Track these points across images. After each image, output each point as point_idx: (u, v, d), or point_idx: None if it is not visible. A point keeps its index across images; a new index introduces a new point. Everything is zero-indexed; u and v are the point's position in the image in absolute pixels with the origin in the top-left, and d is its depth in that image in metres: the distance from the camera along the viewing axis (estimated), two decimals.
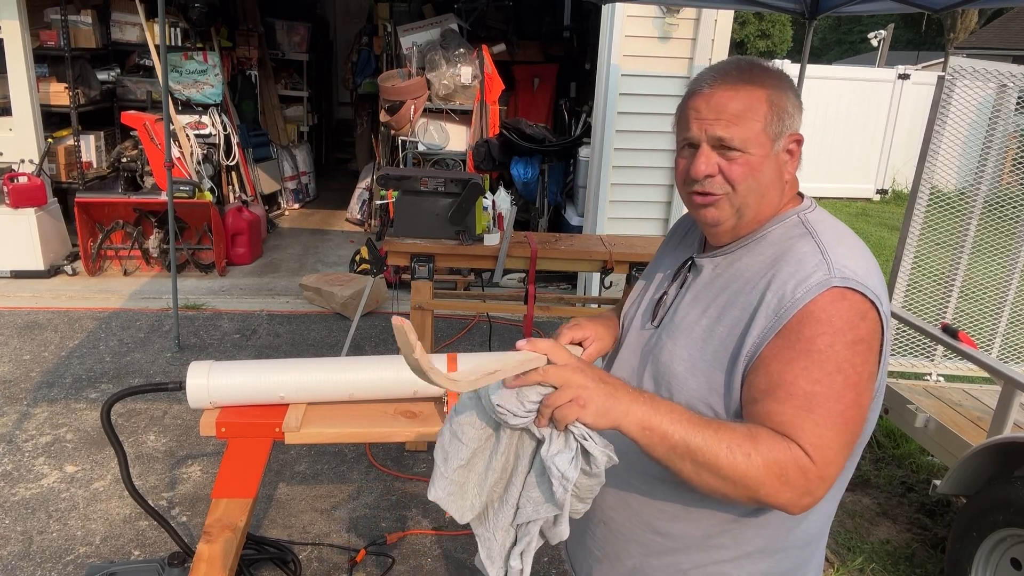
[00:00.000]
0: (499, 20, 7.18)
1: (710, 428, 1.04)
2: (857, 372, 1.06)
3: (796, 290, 1.08)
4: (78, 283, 5.59)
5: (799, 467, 1.03)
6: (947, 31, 23.42)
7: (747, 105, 1.14)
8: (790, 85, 1.20)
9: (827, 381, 1.05)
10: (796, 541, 1.23)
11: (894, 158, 11.36)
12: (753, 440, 1.03)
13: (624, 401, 1.04)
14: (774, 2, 4.24)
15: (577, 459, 1.04)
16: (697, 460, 1.03)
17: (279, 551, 2.76)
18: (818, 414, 1.04)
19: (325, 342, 4.81)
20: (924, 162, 3.44)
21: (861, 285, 1.08)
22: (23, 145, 5.75)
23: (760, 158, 1.16)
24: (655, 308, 1.30)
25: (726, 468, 1.02)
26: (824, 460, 1.04)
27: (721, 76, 1.17)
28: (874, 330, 1.09)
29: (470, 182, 3.56)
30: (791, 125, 1.18)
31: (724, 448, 1.02)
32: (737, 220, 1.20)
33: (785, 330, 1.08)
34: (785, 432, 1.05)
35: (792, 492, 1.03)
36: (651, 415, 1.04)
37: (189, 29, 6.74)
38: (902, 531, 3.27)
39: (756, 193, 1.17)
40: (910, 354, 3.74)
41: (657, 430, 1.03)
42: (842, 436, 1.05)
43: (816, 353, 1.05)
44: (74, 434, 3.57)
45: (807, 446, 1.03)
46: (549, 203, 6.18)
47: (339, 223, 7.82)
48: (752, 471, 1.02)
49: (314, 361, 1.90)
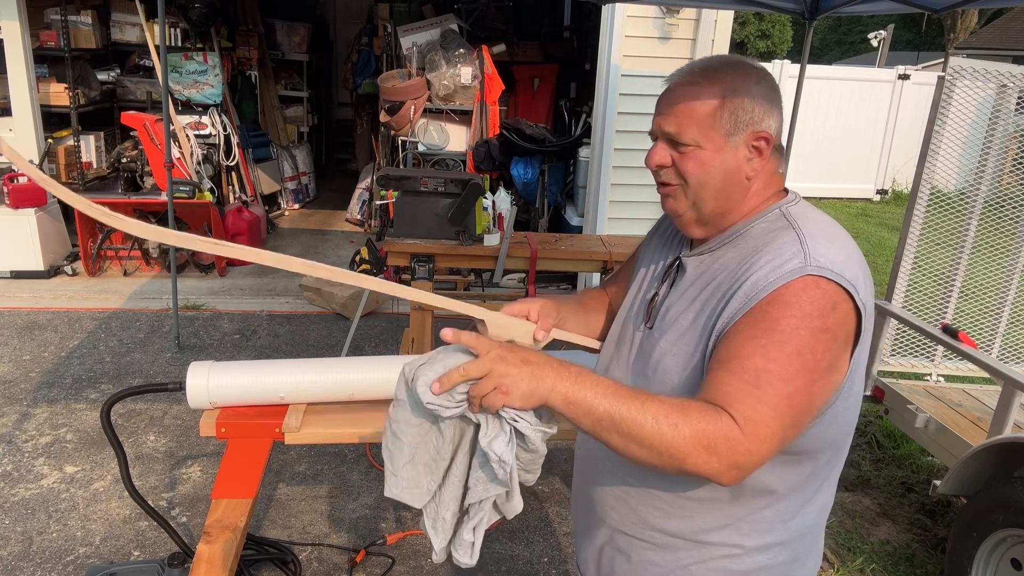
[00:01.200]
0: (499, 20, 7.18)
1: (636, 400, 1.05)
2: (815, 359, 1.06)
3: (770, 275, 1.09)
4: (78, 283, 5.59)
5: (727, 438, 1.02)
6: (947, 31, 23.42)
7: (697, 102, 1.18)
8: (758, 82, 1.19)
9: (783, 361, 1.05)
10: (793, 533, 1.23)
11: (894, 158, 11.36)
12: (683, 411, 1.04)
13: (547, 379, 1.06)
14: (774, 2, 4.25)
15: (512, 441, 1.08)
16: (623, 431, 1.04)
17: (279, 551, 2.76)
18: (763, 390, 1.04)
19: (325, 342, 4.81)
20: (924, 162, 3.44)
21: (836, 275, 1.08)
22: (23, 145, 5.75)
23: (711, 153, 1.18)
24: (648, 309, 1.31)
25: (651, 438, 1.03)
26: (756, 435, 1.03)
27: (686, 73, 1.21)
28: (843, 322, 1.09)
29: (470, 182, 3.56)
30: (750, 122, 1.17)
31: (650, 418, 1.03)
32: (697, 213, 1.23)
33: (754, 309, 1.09)
34: (724, 403, 1.05)
35: (719, 463, 1.03)
36: (575, 389, 1.05)
37: (189, 29, 6.74)
38: (902, 531, 3.27)
39: (710, 188, 1.20)
40: (910, 354, 3.74)
41: (581, 404, 1.05)
42: (782, 417, 1.05)
43: (779, 333, 1.06)
44: (74, 434, 3.57)
45: (740, 418, 1.03)
46: (549, 203, 6.18)
47: (339, 223, 7.82)
48: (678, 441, 1.02)
49: (314, 361, 1.90)
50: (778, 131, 1.21)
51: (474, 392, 1.07)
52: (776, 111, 1.20)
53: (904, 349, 3.73)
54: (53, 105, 6.03)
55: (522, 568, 2.87)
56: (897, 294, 3.60)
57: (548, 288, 6.00)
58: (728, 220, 1.23)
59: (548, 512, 3.22)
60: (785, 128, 1.31)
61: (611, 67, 5.29)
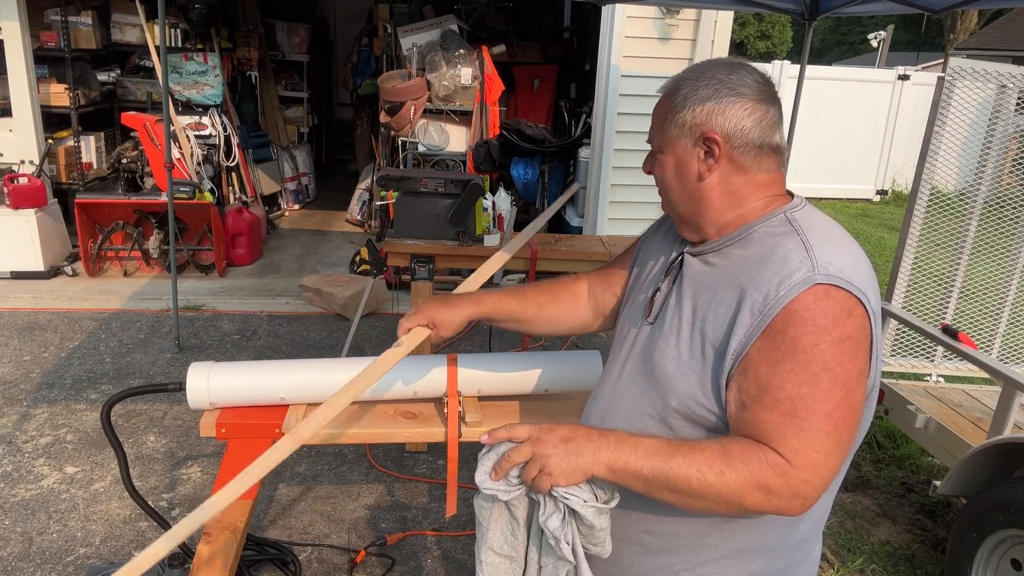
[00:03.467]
0: (499, 21, 7.18)
1: (679, 454, 1.06)
2: (845, 370, 1.06)
3: (780, 287, 1.08)
4: (78, 284, 5.59)
5: (778, 474, 1.04)
6: (947, 32, 23.42)
7: (658, 110, 1.24)
8: (710, 82, 1.18)
9: (813, 382, 1.05)
10: (788, 541, 1.23)
11: (894, 159, 11.36)
12: (726, 457, 1.05)
13: (587, 452, 1.09)
14: (774, 3, 4.25)
15: (567, 518, 1.12)
16: (673, 488, 1.07)
17: (279, 552, 2.76)
18: (802, 417, 1.05)
19: (325, 343, 4.81)
20: (924, 163, 3.44)
21: (846, 282, 1.07)
22: (23, 146, 5.75)
23: (667, 156, 1.23)
24: (649, 304, 1.31)
25: (701, 490, 1.05)
26: (807, 463, 1.04)
27: (668, 80, 1.26)
28: (862, 326, 1.08)
29: (470, 183, 3.56)
30: (700, 123, 1.17)
31: (695, 472, 1.05)
32: (676, 216, 1.28)
33: (770, 329, 1.08)
34: (768, 439, 1.05)
35: (779, 499, 1.04)
36: (616, 457, 1.08)
37: (189, 30, 6.74)
38: (902, 532, 3.27)
39: (672, 191, 1.25)
40: (910, 355, 3.74)
41: (626, 469, 1.08)
42: (831, 436, 1.05)
43: (801, 353, 1.05)
44: (74, 435, 3.57)
45: (787, 452, 1.04)
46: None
47: (339, 224, 7.82)
48: (727, 487, 1.04)
49: (314, 362, 1.90)
50: (741, 133, 1.17)
51: (524, 476, 1.12)
52: (739, 112, 1.16)
53: (904, 349, 3.73)
54: (53, 106, 6.03)
55: None
56: (897, 294, 3.60)
57: None
58: (713, 223, 1.23)
59: None
60: (785, 128, 1.29)
61: (611, 68, 5.30)
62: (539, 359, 1.90)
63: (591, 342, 4.88)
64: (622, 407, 1.29)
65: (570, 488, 1.11)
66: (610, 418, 1.30)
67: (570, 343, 4.85)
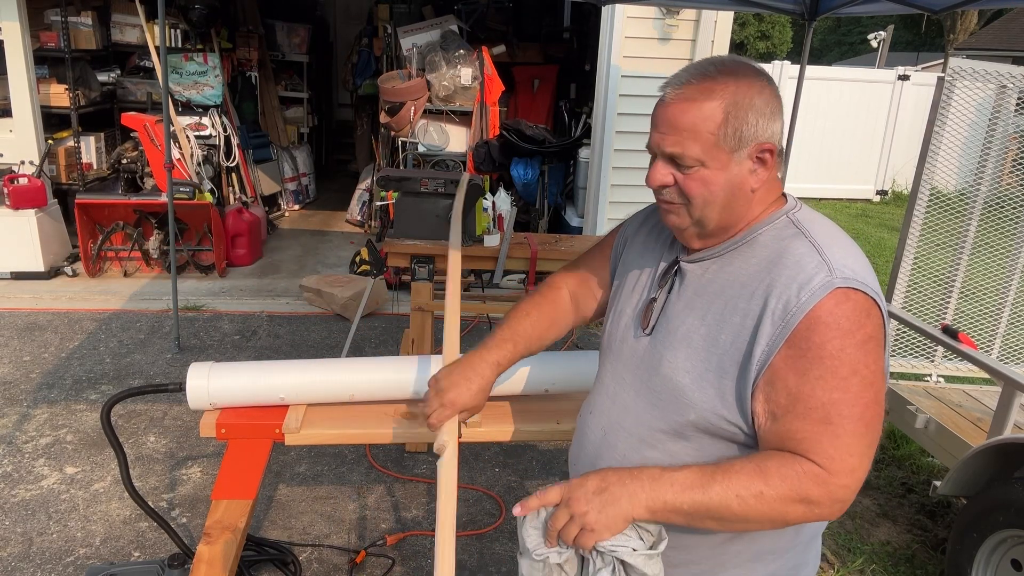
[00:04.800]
0: (499, 21, 7.18)
1: (716, 482, 1.06)
2: (871, 370, 1.06)
3: (800, 294, 1.07)
4: (78, 284, 5.59)
5: (817, 484, 1.04)
6: (947, 32, 23.42)
7: (700, 119, 1.12)
8: (761, 91, 1.14)
9: (843, 387, 1.05)
10: (803, 539, 1.24)
11: (894, 159, 11.36)
12: (763, 476, 1.05)
13: (623, 499, 1.08)
14: (774, 3, 4.25)
15: (618, 571, 1.10)
16: (716, 517, 1.07)
17: (279, 552, 2.76)
18: (836, 423, 1.05)
19: (325, 343, 4.81)
20: (924, 163, 3.44)
21: (862, 284, 1.08)
22: (23, 146, 5.75)
23: (715, 171, 1.14)
24: (645, 314, 1.27)
25: (744, 513, 1.05)
26: (845, 468, 1.05)
27: (682, 84, 1.14)
28: (880, 325, 1.09)
29: (470, 183, 3.56)
30: (756, 134, 1.13)
31: (734, 497, 1.05)
32: (700, 229, 1.19)
33: (794, 337, 1.07)
34: (804, 450, 1.06)
35: (820, 508, 1.05)
36: (653, 497, 1.07)
37: (189, 31, 6.74)
38: (902, 532, 3.27)
39: (714, 205, 1.16)
40: (910, 355, 3.74)
41: (665, 508, 1.07)
42: (864, 438, 1.06)
43: (829, 359, 1.05)
44: (74, 435, 3.57)
45: (824, 460, 1.05)
46: (549, 204, 6.18)
47: (339, 224, 7.82)
48: (769, 507, 1.05)
49: (314, 362, 1.90)
50: (780, 137, 1.18)
51: (565, 537, 1.10)
52: (778, 118, 1.16)
53: (904, 350, 3.73)
54: (53, 106, 6.03)
55: None
56: (897, 295, 3.60)
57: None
58: (732, 231, 1.20)
59: None
60: (785, 129, 1.28)
61: (611, 68, 5.30)
62: (539, 359, 1.90)
63: (591, 343, 4.88)
64: (627, 422, 1.26)
65: (616, 539, 1.09)
66: (614, 434, 1.28)
67: (570, 343, 4.85)
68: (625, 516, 1.08)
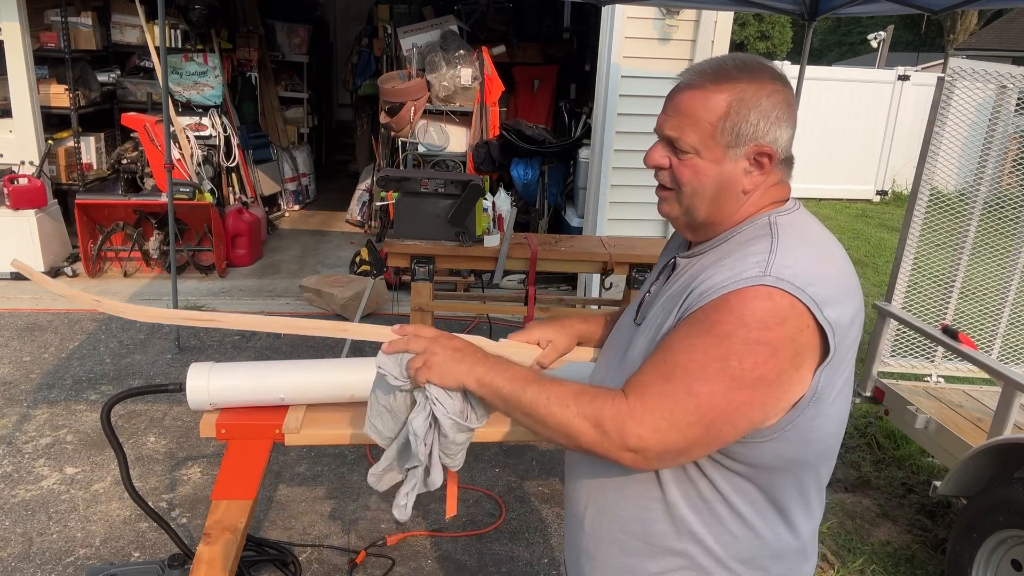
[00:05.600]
0: (499, 22, 7.18)
1: (538, 384, 1.13)
2: (742, 369, 1.03)
3: (725, 281, 1.08)
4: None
5: (613, 419, 1.05)
6: (947, 32, 23.43)
7: (702, 108, 1.14)
8: (771, 94, 1.13)
9: (704, 362, 1.04)
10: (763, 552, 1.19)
11: (894, 159, 11.37)
12: (577, 395, 1.10)
13: (466, 362, 1.19)
14: (774, 3, 4.25)
15: (430, 420, 1.22)
16: (525, 411, 1.13)
17: (279, 553, 2.76)
18: (671, 384, 1.05)
19: (325, 343, 4.81)
20: (924, 163, 3.44)
21: (797, 288, 1.04)
22: (23, 147, 5.76)
23: (708, 163, 1.15)
24: (639, 306, 1.31)
25: (546, 417, 1.10)
26: (649, 422, 1.04)
27: (697, 74, 1.17)
28: (791, 338, 1.04)
29: (470, 183, 3.56)
30: (755, 135, 1.13)
31: (543, 400, 1.11)
32: (688, 219, 1.22)
33: (699, 311, 1.09)
34: (629, 389, 1.09)
35: (610, 442, 1.06)
36: (488, 373, 1.17)
37: (189, 31, 6.75)
38: (903, 532, 3.27)
39: (701, 197, 1.17)
40: (910, 355, 3.74)
41: (491, 386, 1.16)
42: (684, 414, 1.04)
43: (711, 336, 1.05)
44: (74, 436, 3.57)
45: (632, 403, 1.06)
46: (549, 204, 6.18)
47: (339, 224, 7.82)
48: (568, 419, 1.09)
49: (314, 362, 1.90)
50: (787, 145, 1.16)
51: (408, 364, 1.23)
52: (786, 125, 1.15)
53: (904, 350, 3.73)
54: (53, 106, 6.04)
55: (522, 569, 2.87)
56: (897, 295, 3.60)
57: (548, 289, 6.00)
58: (720, 227, 1.20)
59: (548, 513, 3.22)
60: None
61: (611, 68, 5.30)
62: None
63: None
64: None
65: (443, 395, 1.20)
66: None
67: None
68: (457, 377, 1.18)
